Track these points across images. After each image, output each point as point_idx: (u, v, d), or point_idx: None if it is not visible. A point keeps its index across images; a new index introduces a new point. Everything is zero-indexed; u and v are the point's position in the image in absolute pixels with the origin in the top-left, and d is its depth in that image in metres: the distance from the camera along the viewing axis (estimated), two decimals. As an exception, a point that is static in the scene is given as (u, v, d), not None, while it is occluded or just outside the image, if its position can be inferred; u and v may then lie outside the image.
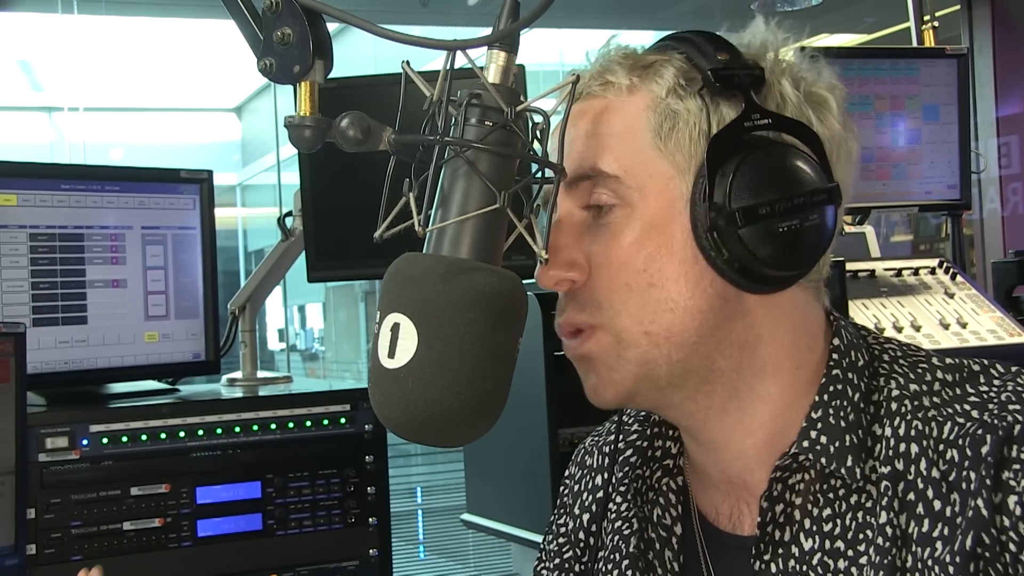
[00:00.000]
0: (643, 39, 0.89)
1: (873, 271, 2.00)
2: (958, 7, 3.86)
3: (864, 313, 1.87)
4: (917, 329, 1.86)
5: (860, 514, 0.80)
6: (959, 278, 2.02)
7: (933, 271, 2.03)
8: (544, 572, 1.04)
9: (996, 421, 0.75)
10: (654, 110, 0.82)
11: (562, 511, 1.05)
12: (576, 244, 0.83)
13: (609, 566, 0.93)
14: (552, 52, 5.70)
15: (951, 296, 1.96)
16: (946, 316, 1.90)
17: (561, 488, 1.06)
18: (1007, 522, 0.72)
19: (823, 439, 0.81)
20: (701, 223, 0.79)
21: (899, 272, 2.02)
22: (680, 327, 0.80)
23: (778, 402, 0.83)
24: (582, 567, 1.00)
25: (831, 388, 0.83)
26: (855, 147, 0.87)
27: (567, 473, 1.07)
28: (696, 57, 0.82)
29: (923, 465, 0.78)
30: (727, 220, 0.77)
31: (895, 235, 4.51)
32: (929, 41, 2.47)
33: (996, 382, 0.80)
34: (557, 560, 1.03)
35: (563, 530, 1.04)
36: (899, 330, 1.85)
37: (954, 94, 2.09)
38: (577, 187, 0.84)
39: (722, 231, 0.78)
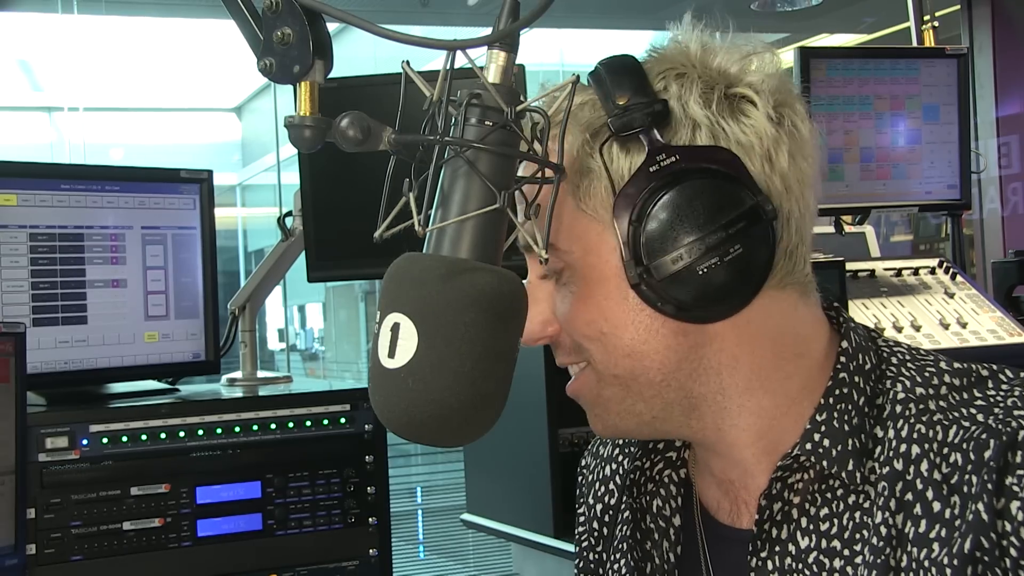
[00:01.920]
0: (644, 39, 0.89)
1: (873, 271, 2.00)
2: (958, 7, 3.85)
3: (864, 313, 1.87)
4: (917, 329, 1.86)
5: (858, 514, 0.80)
6: (959, 278, 2.02)
7: (933, 271, 2.03)
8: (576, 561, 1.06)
9: (1000, 426, 0.74)
10: (570, 168, 0.80)
11: (580, 500, 1.06)
12: (547, 304, 0.85)
13: (616, 555, 0.95)
14: (552, 52, 5.70)
15: (951, 296, 1.96)
16: (946, 316, 1.90)
17: (578, 478, 1.08)
18: (1008, 527, 0.71)
19: (826, 442, 0.81)
20: (630, 277, 0.78)
21: (899, 272, 2.02)
22: (641, 369, 0.81)
23: (772, 412, 0.83)
24: (596, 556, 1.01)
25: (837, 392, 0.82)
26: (806, 133, 0.81)
27: (583, 463, 1.07)
28: (603, 101, 0.80)
29: (924, 466, 0.77)
30: (646, 275, 0.77)
31: (895, 235, 4.51)
32: (929, 41, 2.46)
33: (1004, 387, 0.80)
34: (576, 548, 1.05)
35: (581, 519, 1.05)
36: (899, 330, 1.85)
37: (954, 94, 2.08)
38: (531, 255, 0.85)
39: (647, 284, 0.77)
